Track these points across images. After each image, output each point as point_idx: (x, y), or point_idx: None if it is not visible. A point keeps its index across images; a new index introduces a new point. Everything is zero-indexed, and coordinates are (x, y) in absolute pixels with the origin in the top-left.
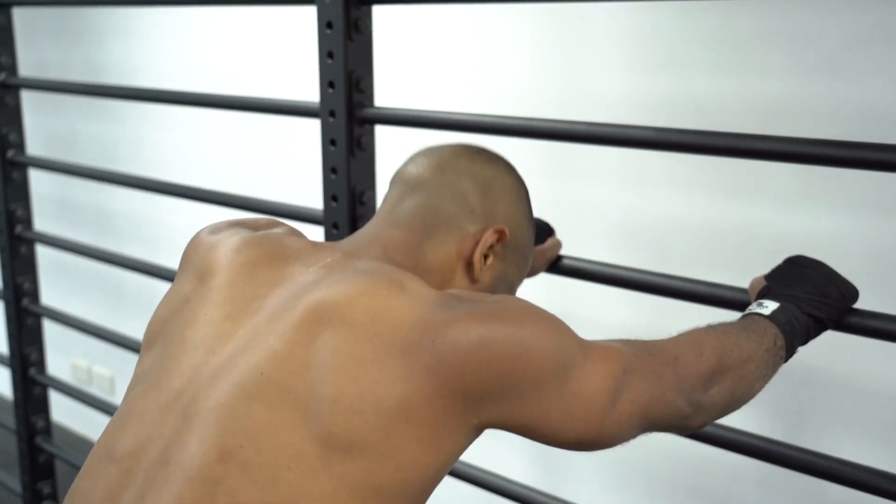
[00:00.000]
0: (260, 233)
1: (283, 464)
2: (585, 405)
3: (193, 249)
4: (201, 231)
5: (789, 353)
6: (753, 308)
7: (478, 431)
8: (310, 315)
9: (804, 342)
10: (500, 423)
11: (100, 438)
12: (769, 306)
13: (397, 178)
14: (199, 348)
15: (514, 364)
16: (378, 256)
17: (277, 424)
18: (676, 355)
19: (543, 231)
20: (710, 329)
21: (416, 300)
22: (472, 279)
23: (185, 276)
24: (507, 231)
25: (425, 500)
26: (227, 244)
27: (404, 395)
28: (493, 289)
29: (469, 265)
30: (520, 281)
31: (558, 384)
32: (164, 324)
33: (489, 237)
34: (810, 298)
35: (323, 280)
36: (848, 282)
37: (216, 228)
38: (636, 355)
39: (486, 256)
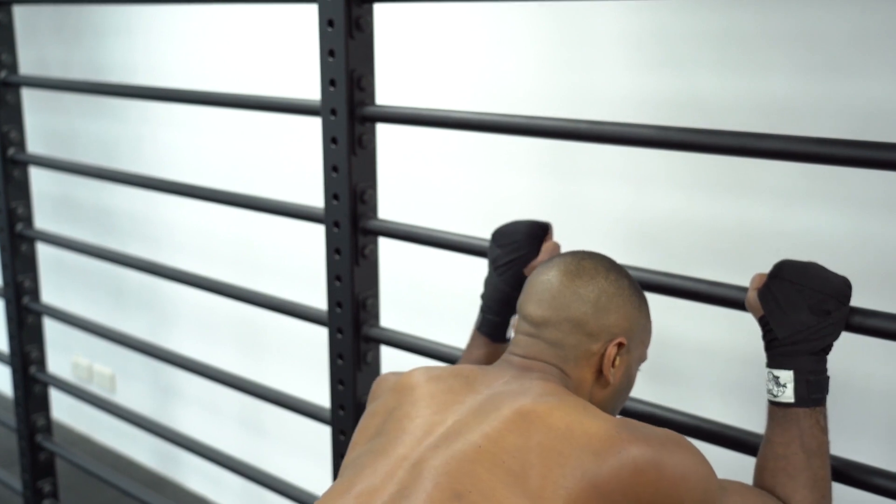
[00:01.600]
0: (433, 365)
1: None
2: None
3: (383, 382)
4: (382, 375)
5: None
6: (774, 390)
7: None
8: (514, 414)
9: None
10: None
11: (331, 488)
12: (786, 383)
13: (522, 316)
14: (417, 431)
15: (673, 485)
16: (539, 377)
17: (496, 483)
18: None
19: (537, 238)
20: (795, 482)
21: (602, 419)
22: (607, 384)
23: (384, 398)
24: (624, 340)
25: None
26: (415, 372)
27: (594, 483)
28: (627, 376)
29: (601, 375)
30: (647, 346)
31: None
32: (375, 426)
33: (611, 351)
34: (814, 331)
35: (512, 393)
36: (839, 278)
37: (393, 372)
38: None
39: (612, 363)
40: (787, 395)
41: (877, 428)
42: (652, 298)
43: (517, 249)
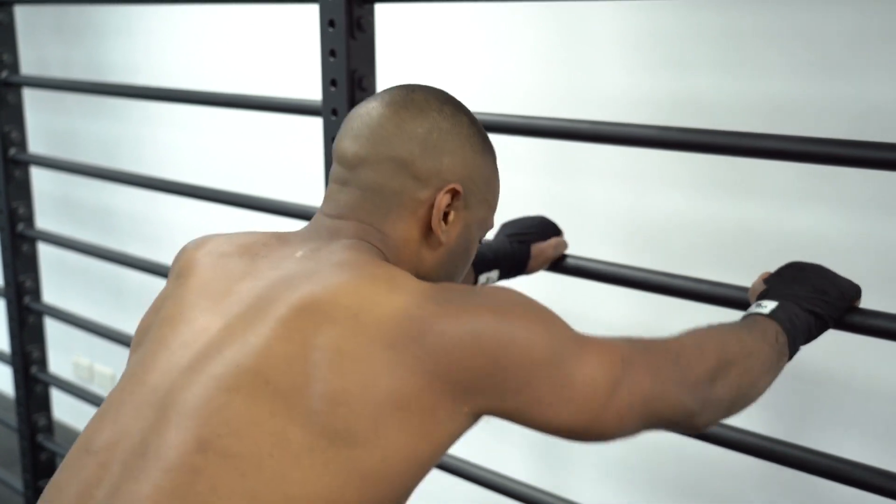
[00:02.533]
0: (233, 232)
1: (265, 451)
2: (581, 392)
3: (177, 257)
4: (187, 243)
5: (792, 350)
6: (753, 309)
7: (471, 419)
8: (291, 311)
9: (806, 341)
10: (492, 410)
11: (80, 434)
12: (768, 306)
13: (336, 159)
14: (174, 344)
15: (503, 353)
16: (343, 246)
17: (258, 414)
18: (678, 351)
19: (548, 229)
20: (711, 328)
21: (401, 294)
22: (438, 244)
23: (172, 275)
24: (459, 187)
25: (413, 487)
26: (204, 246)
27: (391, 387)
28: (464, 238)
29: (431, 231)
30: (492, 213)
31: (551, 370)
32: (147, 326)
33: (442, 200)
34: (809, 296)
35: (300, 274)
36: (848, 281)
37: (202, 237)
38: (635, 349)
39: (446, 215)
40: (764, 310)
41: (878, 428)
42: (652, 299)
43: (529, 228)
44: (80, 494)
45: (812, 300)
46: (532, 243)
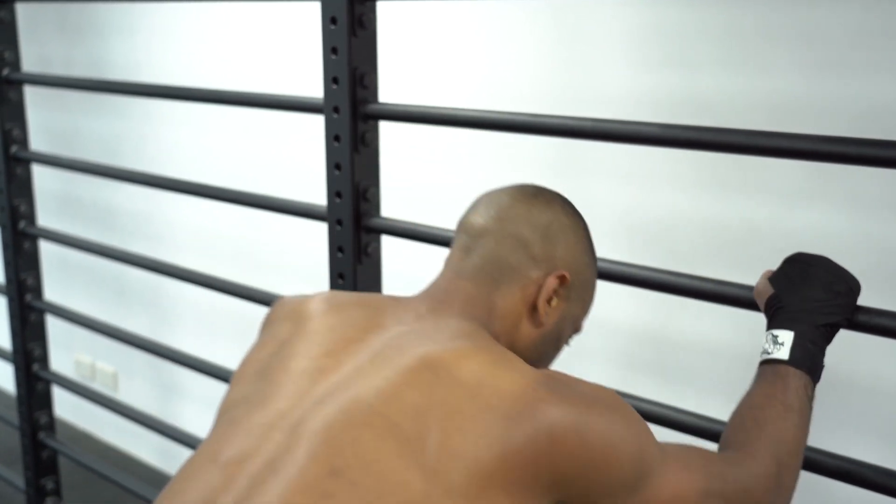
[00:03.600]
0: (342, 291)
1: (387, 489)
2: None
3: (281, 307)
4: (283, 297)
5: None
6: (769, 348)
7: None
8: (418, 364)
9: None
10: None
11: (200, 448)
12: (784, 342)
13: (462, 229)
14: (303, 378)
15: (600, 458)
16: (458, 312)
17: (384, 452)
18: (746, 486)
19: None
20: (761, 430)
21: (519, 373)
22: (538, 323)
23: (279, 325)
24: (567, 275)
25: None
26: (317, 298)
27: (502, 454)
28: (558, 328)
29: (534, 310)
30: (585, 315)
31: (634, 483)
32: (262, 360)
33: (551, 283)
34: (822, 305)
35: (424, 332)
36: (850, 273)
37: (297, 294)
38: (713, 476)
39: (549, 301)
40: (782, 352)
41: (882, 427)
42: (656, 297)
43: None
44: (205, 500)
45: (826, 308)
46: None
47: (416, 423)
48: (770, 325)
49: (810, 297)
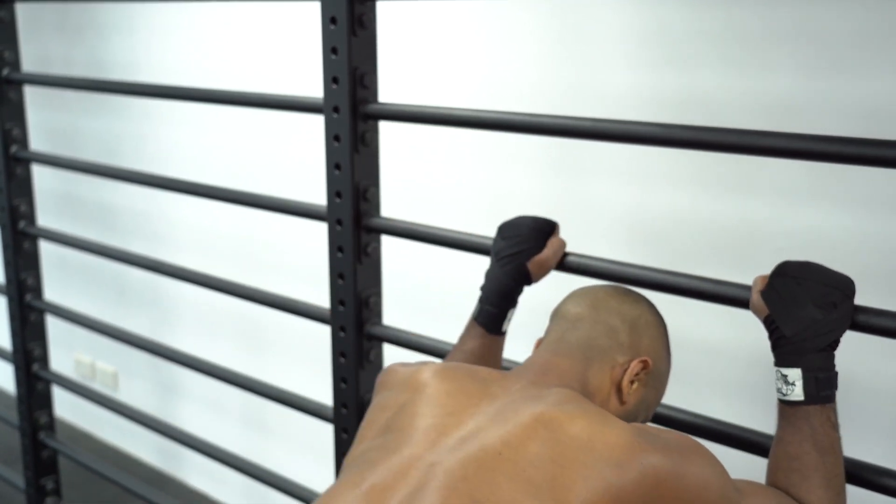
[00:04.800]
0: (447, 363)
1: None
2: None
3: (393, 374)
4: (392, 365)
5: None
6: (783, 389)
7: None
8: (535, 421)
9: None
10: None
11: (339, 481)
12: (795, 381)
13: (559, 315)
14: (430, 431)
15: (695, 493)
16: (558, 384)
17: (516, 493)
18: None
19: (542, 234)
20: (810, 482)
21: (620, 428)
22: (622, 401)
23: (396, 391)
24: (650, 361)
25: None
26: (427, 368)
27: (617, 494)
28: (636, 409)
29: (619, 389)
30: (657, 404)
31: None
32: (385, 419)
33: (635, 366)
34: (821, 326)
35: (532, 397)
36: (842, 275)
37: (406, 364)
38: None
39: (632, 383)
40: (797, 393)
41: (883, 427)
42: (655, 297)
43: (522, 242)
44: None
45: (824, 328)
46: (528, 260)
47: (540, 471)
48: (777, 361)
49: (807, 321)
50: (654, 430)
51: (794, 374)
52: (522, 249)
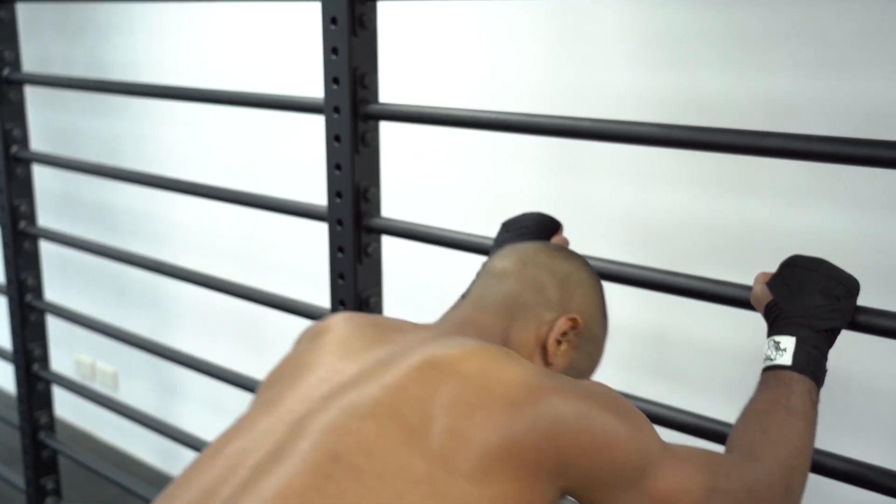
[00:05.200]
0: (361, 313)
1: (390, 472)
2: (661, 501)
3: (307, 329)
4: (312, 323)
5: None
6: (772, 354)
7: (560, 495)
8: (424, 363)
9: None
10: (576, 493)
11: (207, 447)
12: (787, 348)
13: (484, 271)
14: (312, 380)
15: (602, 445)
16: (472, 337)
17: (388, 439)
18: (751, 486)
19: (546, 229)
20: (766, 434)
21: (522, 367)
22: (547, 362)
23: (301, 343)
24: (579, 320)
25: None
26: (335, 317)
27: (508, 439)
28: (567, 368)
29: (544, 349)
30: (591, 372)
31: (637, 475)
32: (279, 372)
33: (562, 324)
34: (823, 311)
35: (430, 343)
36: (848, 274)
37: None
38: (717, 473)
39: (559, 343)
40: (785, 358)
41: (882, 427)
42: (654, 297)
43: (525, 234)
44: (205, 490)
45: (826, 314)
46: None
47: (420, 413)
48: (771, 332)
49: (810, 304)
50: (564, 375)
51: (788, 341)
52: (525, 239)
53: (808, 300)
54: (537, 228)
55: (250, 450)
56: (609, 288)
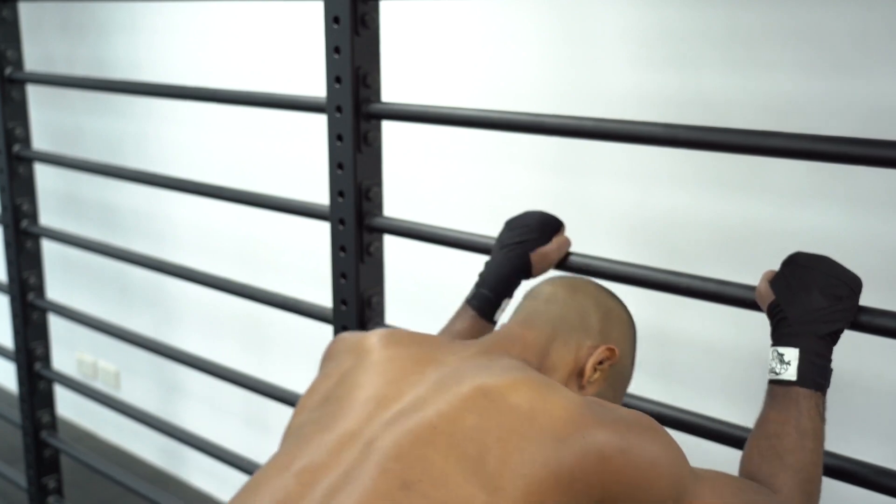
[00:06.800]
0: (398, 328)
1: (454, 502)
2: None
3: (341, 342)
4: (340, 333)
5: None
6: (777, 368)
7: None
8: (475, 391)
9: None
10: None
11: (269, 462)
12: (791, 360)
13: (532, 294)
14: (368, 404)
15: (643, 473)
16: (514, 355)
17: (450, 469)
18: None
19: (549, 228)
20: (783, 461)
21: (567, 400)
22: (581, 386)
23: (341, 358)
24: (617, 351)
25: None
26: (374, 334)
27: (556, 472)
28: (598, 395)
29: (580, 374)
30: (618, 400)
31: (674, 500)
32: (327, 389)
33: (602, 351)
34: (824, 314)
35: (479, 366)
36: (850, 272)
37: (355, 332)
38: (745, 503)
39: (594, 369)
40: (790, 372)
41: (884, 427)
42: (657, 297)
43: (528, 233)
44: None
45: (828, 316)
46: (532, 250)
47: (476, 444)
48: (774, 341)
49: (811, 307)
50: (606, 404)
51: (791, 353)
52: (528, 239)
53: (810, 302)
54: (540, 227)
55: (320, 468)
56: (610, 287)
